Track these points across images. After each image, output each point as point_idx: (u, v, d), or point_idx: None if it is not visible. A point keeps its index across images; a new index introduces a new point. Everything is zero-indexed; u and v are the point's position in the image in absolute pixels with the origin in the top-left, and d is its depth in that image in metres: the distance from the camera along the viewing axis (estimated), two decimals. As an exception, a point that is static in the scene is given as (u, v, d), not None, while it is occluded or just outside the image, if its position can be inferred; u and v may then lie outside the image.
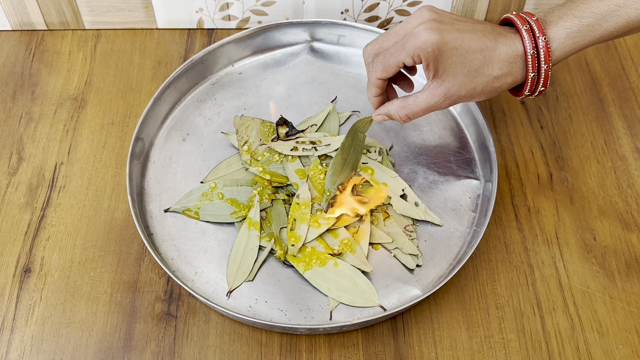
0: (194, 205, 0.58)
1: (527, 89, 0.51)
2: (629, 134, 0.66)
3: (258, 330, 0.54)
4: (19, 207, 0.61)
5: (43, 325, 0.54)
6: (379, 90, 0.54)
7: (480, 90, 0.51)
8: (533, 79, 0.50)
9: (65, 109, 0.68)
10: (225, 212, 0.58)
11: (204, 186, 0.59)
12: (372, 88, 0.54)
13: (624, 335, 0.54)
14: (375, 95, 0.54)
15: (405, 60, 0.50)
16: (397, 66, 0.51)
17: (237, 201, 0.58)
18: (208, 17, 0.74)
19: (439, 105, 0.51)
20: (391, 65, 0.51)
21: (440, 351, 0.53)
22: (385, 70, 0.52)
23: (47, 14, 0.73)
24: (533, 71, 0.50)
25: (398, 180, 0.59)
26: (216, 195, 0.58)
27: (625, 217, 0.60)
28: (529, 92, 0.52)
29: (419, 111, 0.52)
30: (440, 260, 0.56)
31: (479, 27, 0.50)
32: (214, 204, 0.58)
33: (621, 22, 0.49)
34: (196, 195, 0.59)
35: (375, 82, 0.53)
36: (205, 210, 0.58)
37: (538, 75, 0.50)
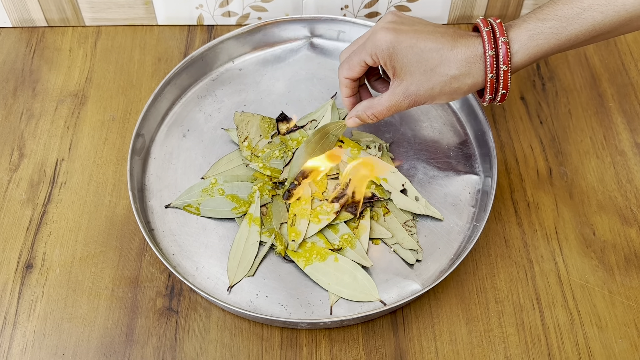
0: (195, 201, 0.59)
1: (487, 91, 0.51)
2: (628, 129, 0.66)
3: (259, 325, 0.54)
4: (20, 203, 0.61)
5: (45, 321, 0.54)
6: (349, 90, 0.55)
7: (439, 91, 0.51)
8: (492, 80, 0.50)
9: (66, 106, 0.68)
10: (225, 208, 0.58)
11: (204, 182, 0.60)
12: (342, 88, 0.55)
13: (623, 329, 0.54)
14: (347, 96, 0.56)
15: (366, 59, 0.52)
16: (360, 65, 0.52)
17: (237, 197, 0.58)
18: (208, 14, 0.74)
19: (400, 105, 0.52)
20: (355, 65, 0.53)
21: (440, 345, 0.53)
22: (350, 69, 0.53)
23: (48, 11, 0.73)
24: (492, 72, 0.49)
25: (398, 175, 0.59)
26: (217, 191, 0.59)
27: (624, 212, 0.60)
28: (490, 94, 0.51)
29: (382, 110, 0.53)
30: (440, 255, 0.56)
31: (439, 30, 0.51)
32: (215, 200, 0.58)
33: (587, 26, 0.49)
34: (197, 191, 0.59)
35: (343, 82, 0.55)
36: (205, 206, 0.58)
37: (497, 77, 0.50)
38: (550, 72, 0.71)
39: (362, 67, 0.53)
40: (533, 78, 0.70)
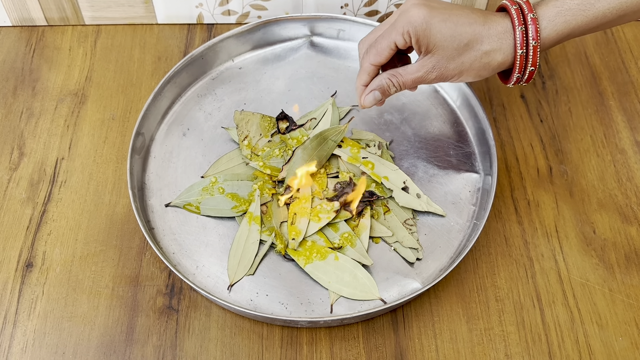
0: (195, 200, 0.59)
1: (516, 69, 0.51)
2: (629, 128, 0.66)
3: (259, 324, 0.54)
4: (20, 202, 0.61)
5: (45, 320, 0.54)
6: (369, 78, 0.54)
7: (468, 65, 0.51)
8: (522, 57, 0.50)
9: (66, 105, 0.68)
10: (226, 207, 0.58)
11: (204, 181, 0.59)
12: (363, 75, 0.54)
13: (623, 327, 0.54)
14: (364, 84, 0.55)
15: (397, 40, 0.51)
16: (390, 48, 0.52)
17: (237, 195, 0.58)
18: (208, 12, 0.74)
19: (427, 76, 0.52)
20: (384, 49, 0.52)
21: (440, 343, 0.53)
22: (379, 54, 0.52)
23: (47, 10, 0.73)
24: (522, 47, 0.50)
25: (399, 173, 0.59)
26: (217, 190, 0.59)
27: (624, 210, 0.60)
28: (518, 72, 0.52)
29: (408, 79, 0.52)
30: (440, 254, 0.56)
31: (469, 7, 0.52)
32: (215, 199, 0.58)
33: (614, 3, 0.49)
34: (197, 190, 0.59)
35: (367, 69, 0.54)
36: (206, 204, 0.58)
37: (527, 53, 0.50)
38: (551, 71, 0.71)
39: (391, 51, 0.52)
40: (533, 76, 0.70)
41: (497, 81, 0.70)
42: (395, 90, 0.54)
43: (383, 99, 0.55)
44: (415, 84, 0.53)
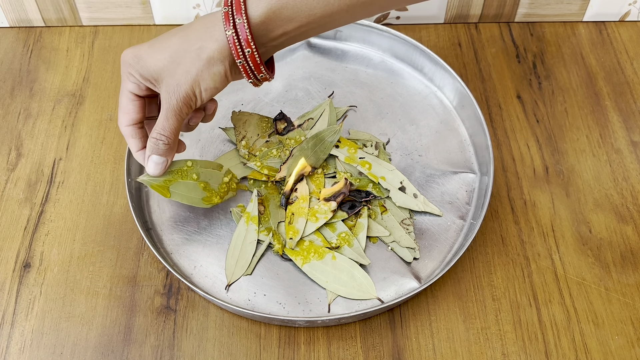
0: (166, 181, 0.53)
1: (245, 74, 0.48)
2: (624, 128, 0.67)
3: (257, 323, 0.54)
4: (18, 202, 0.61)
5: (43, 320, 0.54)
6: (139, 141, 0.51)
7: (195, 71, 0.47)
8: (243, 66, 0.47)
9: (64, 105, 0.68)
10: (197, 196, 0.55)
11: (179, 162, 0.54)
12: (130, 141, 0.51)
13: (619, 326, 0.54)
14: (139, 149, 0.51)
15: (128, 87, 0.49)
16: (129, 99, 0.49)
17: (209, 186, 0.55)
18: (205, 13, 0.74)
19: (174, 106, 0.47)
20: (125, 103, 0.50)
21: (438, 342, 0.53)
22: (125, 111, 0.50)
23: (45, 11, 0.73)
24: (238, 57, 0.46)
25: (396, 173, 0.60)
26: (191, 175, 0.55)
27: (620, 210, 0.61)
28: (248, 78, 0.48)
29: (163, 123, 0.48)
30: (437, 253, 0.57)
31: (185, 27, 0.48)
32: (187, 185, 0.54)
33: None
34: (170, 171, 0.54)
35: (126, 132, 0.50)
36: (176, 188, 0.54)
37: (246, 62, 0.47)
38: (547, 71, 0.71)
39: (133, 101, 0.50)
40: (529, 77, 0.71)
41: (493, 81, 0.70)
42: (164, 144, 0.49)
43: (167, 159, 0.51)
44: (174, 122, 0.48)
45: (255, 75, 0.48)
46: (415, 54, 0.67)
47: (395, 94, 0.67)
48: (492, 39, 0.74)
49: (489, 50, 0.73)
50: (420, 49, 0.66)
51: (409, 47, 0.67)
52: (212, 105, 0.54)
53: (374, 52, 0.70)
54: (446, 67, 0.65)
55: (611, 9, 0.74)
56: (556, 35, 0.74)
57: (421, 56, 0.67)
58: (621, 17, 0.75)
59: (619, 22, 0.75)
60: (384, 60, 0.70)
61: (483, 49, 0.73)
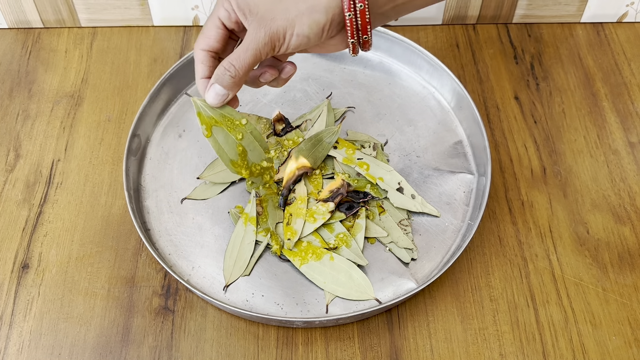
0: (213, 118, 0.51)
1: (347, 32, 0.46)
2: (622, 128, 0.67)
3: (255, 324, 0.54)
4: (16, 203, 0.61)
5: (41, 320, 0.54)
6: (206, 68, 0.49)
7: (295, 12, 0.44)
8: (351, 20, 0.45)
9: (62, 106, 0.68)
10: (229, 154, 0.53)
11: (235, 112, 0.52)
12: (197, 66, 0.49)
13: (617, 326, 0.54)
14: (203, 76, 0.49)
15: (220, 14, 0.47)
16: (216, 26, 0.47)
17: (245, 155, 0.53)
18: (204, 14, 0.74)
19: (258, 40, 0.45)
20: (210, 28, 0.48)
21: (435, 343, 0.53)
22: (206, 36, 0.48)
23: (43, 12, 0.73)
24: (349, 10, 0.44)
25: (394, 174, 0.60)
26: (238, 131, 0.52)
27: (618, 210, 0.61)
28: (351, 37, 0.46)
29: (240, 55, 0.46)
30: (434, 254, 0.57)
31: None
32: (227, 137, 0.52)
33: None
34: (224, 113, 0.52)
35: (198, 56, 0.48)
36: (217, 133, 0.52)
37: (355, 16, 0.45)
38: (544, 72, 0.71)
39: (218, 29, 0.47)
40: (527, 78, 0.71)
41: (491, 82, 0.70)
42: (231, 76, 0.47)
43: (229, 93, 0.49)
44: (251, 57, 0.46)
45: (359, 35, 0.46)
46: (413, 55, 0.67)
47: (393, 95, 0.67)
48: (489, 40, 0.74)
49: (486, 51, 0.73)
50: (418, 50, 0.66)
51: (407, 48, 0.67)
52: (291, 70, 0.51)
53: (372, 53, 0.70)
54: (444, 68, 0.65)
55: (609, 10, 0.75)
56: (554, 37, 0.75)
57: (419, 57, 0.67)
58: (619, 19, 0.76)
59: (616, 23, 0.76)
60: (382, 61, 0.70)
61: (481, 50, 0.73)
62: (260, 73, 0.51)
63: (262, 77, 0.51)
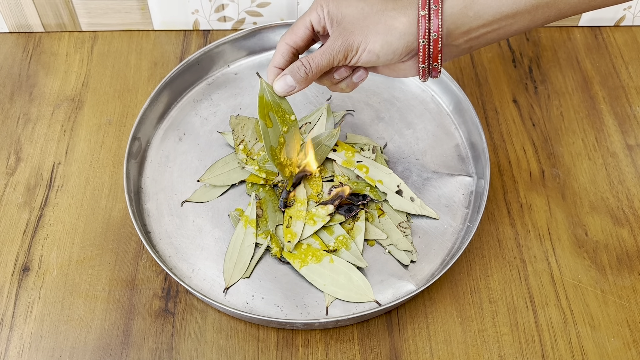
0: (274, 103, 0.54)
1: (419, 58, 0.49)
2: (620, 131, 0.67)
3: (255, 326, 0.54)
4: (17, 206, 0.61)
5: (42, 323, 0.54)
6: (283, 60, 0.52)
7: (374, 29, 0.48)
8: (424, 47, 0.48)
9: (63, 110, 0.68)
10: (273, 142, 0.55)
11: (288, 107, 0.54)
12: (276, 56, 0.52)
13: (616, 328, 0.55)
14: (276, 65, 0.52)
15: (311, 17, 0.51)
16: (305, 26, 0.51)
17: (284, 148, 0.55)
18: (204, 19, 0.75)
19: (333, 46, 0.49)
20: (299, 27, 0.52)
21: (435, 345, 0.54)
22: (293, 32, 0.52)
23: (44, 16, 0.74)
24: (424, 37, 0.48)
25: (393, 177, 0.60)
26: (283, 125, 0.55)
27: (616, 213, 0.61)
28: (422, 62, 0.49)
29: (315, 56, 0.50)
30: (434, 256, 0.57)
31: None
32: (276, 126, 0.54)
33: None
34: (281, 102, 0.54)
35: (280, 48, 0.52)
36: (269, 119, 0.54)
37: (428, 44, 0.48)
38: (543, 76, 0.72)
39: (306, 29, 0.51)
40: (525, 81, 0.71)
41: (490, 86, 0.71)
42: (305, 72, 0.51)
43: (296, 87, 0.52)
44: (325, 59, 0.50)
45: (430, 62, 0.49)
46: (412, 58, 0.68)
47: (392, 98, 0.68)
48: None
49: (485, 55, 0.74)
50: (417, 53, 0.67)
51: (405, 51, 0.68)
52: (362, 76, 0.54)
53: (371, 56, 0.70)
54: (443, 72, 0.65)
55: (606, 14, 0.75)
56: (552, 40, 0.75)
57: (418, 61, 0.67)
58: (616, 22, 0.76)
59: (614, 26, 0.76)
60: (381, 64, 0.70)
61: (479, 53, 0.74)
62: (335, 69, 0.53)
63: (337, 72, 0.53)
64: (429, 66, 0.50)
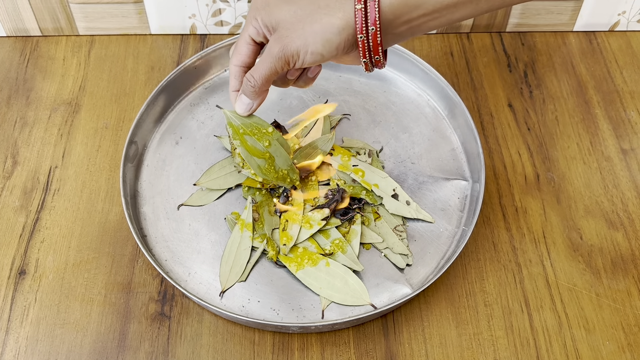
0: (243, 126, 0.54)
1: (360, 52, 0.48)
2: (614, 136, 0.67)
3: (251, 330, 0.55)
4: (13, 210, 0.61)
5: (38, 326, 0.54)
6: (237, 82, 0.52)
7: (310, 29, 0.47)
8: (363, 42, 0.47)
9: (60, 114, 0.69)
10: (258, 160, 0.55)
11: (262, 122, 0.55)
12: (231, 81, 0.52)
13: (610, 331, 0.55)
14: (234, 89, 0.53)
15: (250, 31, 0.50)
16: (247, 42, 0.51)
17: (273, 161, 0.55)
18: (201, 23, 0.75)
19: (273, 54, 0.48)
20: (242, 45, 0.51)
21: (430, 348, 0.54)
22: (238, 52, 0.51)
23: (42, 20, 0.74)
24: (361, 32, 0.46)
25: (389, 181, 0.60)
26: (265, 139, 0.55)
27: (610, 216, 0.61)
28: (363, 57, 0.48)
29: (258, 67, 0.49)
30: (429, 260, 0.57)
31: None
32: (256, 144, 0.55)
33: None
34: (252, 122, 0.55)
35: (232, 71, 0.52)
36: (247, 140, 0.55)
37: (367, 38, 0.47)
38: (538, 80, 0.72)
39: (249, 45, 0.51)
40: (520, 86, 0.72)
41: (485, 90, 0.71)
42: (251, 87, 0.50)
43: (253, 102, 0.52)
44: (268, 69, 0.49)
45: (371, 55, 0.48)
46: (408, 63, 0.68)
47: (388, 103, 0.68)
48: (483, 49, 0.75)
49: (480, 59, 0.74)
50: (413, 58, 0.67)
51: (402, 56, 0.68)
52: (317, 69, 0.54)
53: (367, 61, 0.71)
54: (438, 77, 0.66)
55: (601, 19, 0.76)
56: (547, 45, 0.75)
57: (414, 65, 0.68)
58: (611, 27, 0.77)
59: (608, 32, 0.77)
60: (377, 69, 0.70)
61: (475, 58, 0.74)
62: (286, 73, 0.53)
63: (290, 74, 0.53)
64: (370, 59, 0.49)
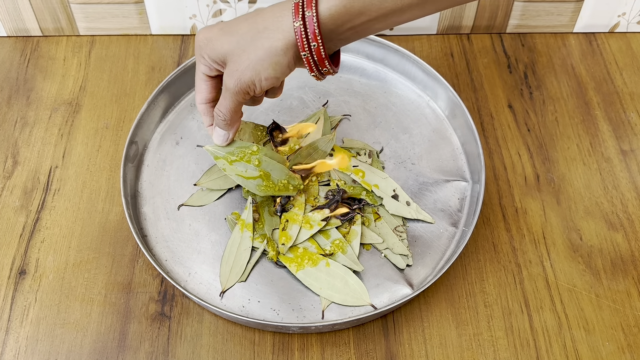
0: (229, 154, 0.55)
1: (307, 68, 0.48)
2: (614, 137, 0.68)
3: (251, 330, 0.55)
4: (14, 210, 0.61)
5: (38, 326, 0.54)
6: (210, 118, 0.54)
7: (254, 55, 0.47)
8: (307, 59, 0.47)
9: (60, 114, 0.69)
10: (253, 181, 0.56)
11: (244, 144, 0.56)
12: (203, 118, 0.54)
13: (610, 332, 0.55)
14: (208, 126, 0.55)
15: (201, 68, 0.51)
16: (203, 80, 0.52)
17: (269, 176, 0.56)
18: (201, 23, 0.75)
19: (229, 88, 0.49)
20: (199, 83, 0.52)
21: (430, 349, 0.54)
22: (199, 90, 0.52)
23: (42, 20, 0.74)
24: (303, 50, 0.46)
25: (389, 181, 0.60)
26: (255, 160, 0.56)
27: (610, 217, 0.62)
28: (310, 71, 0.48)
29: (221, 102, 0.51)
30: (429, 260, 0.57)
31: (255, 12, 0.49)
32: (246, 167, 0.56)
33: None
34: (235, 148, 0.56)
35: (201, 110, 0.54)
36: (238, 166, 0.56)
37: (311, 55, 0.47)
38: (538, 81, 0.72)
39: (206, 82, 0.52)
40: (521, 87, 0.72)
41: (485, 91, 0.71)
42: (222, 120, 0.52)
43: (228, 133, 0.54)
44: (230, 102, 0.50)
45: (319, 69, 0.48)
46: (408, 64, 0.68)
47: (388, 103, 0.68)
48: (483, 50, 0.75)
49: (480, 60, 0.74)
50: (413, 59, 0.67)
51: (402, 57, 0.68)
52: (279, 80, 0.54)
53: (367, 62, 0.71)
54: (439, 77, 0.66)
55: (601, 21, 0.76)
56: (547, 46, 0.76)
57: (414, 66, 0.68)
58: (611, 29, 0.77)
59: (608, 33, 0.77)
60: (378, 70, 0.71)
61: (475, 59, 0.74)
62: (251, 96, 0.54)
63: (254, 97, 0.53)
64: (319, 72, 0.49)
